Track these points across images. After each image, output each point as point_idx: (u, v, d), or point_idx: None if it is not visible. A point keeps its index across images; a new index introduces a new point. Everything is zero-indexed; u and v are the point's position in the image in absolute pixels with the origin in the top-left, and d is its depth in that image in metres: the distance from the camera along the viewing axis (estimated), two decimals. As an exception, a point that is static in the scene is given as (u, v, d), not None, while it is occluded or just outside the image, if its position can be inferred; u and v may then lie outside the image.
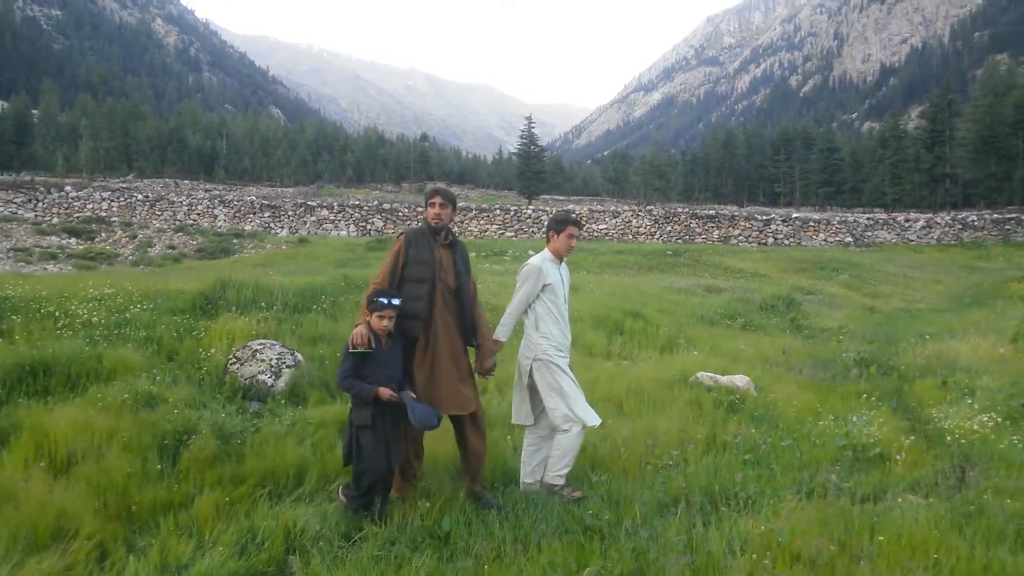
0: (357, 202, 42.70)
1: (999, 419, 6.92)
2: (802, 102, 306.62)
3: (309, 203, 41.25)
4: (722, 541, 3.86)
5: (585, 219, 40.76)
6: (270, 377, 6.68)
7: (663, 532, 4.04)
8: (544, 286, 5.11)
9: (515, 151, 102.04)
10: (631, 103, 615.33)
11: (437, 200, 4.90)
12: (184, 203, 41.30)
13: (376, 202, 43.47)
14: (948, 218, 44.04)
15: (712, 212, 43.46)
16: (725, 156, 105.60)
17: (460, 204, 43.07)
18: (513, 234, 39.60)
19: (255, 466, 4.95)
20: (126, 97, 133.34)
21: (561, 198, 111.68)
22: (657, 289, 17.19)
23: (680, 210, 44.17)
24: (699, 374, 8.03)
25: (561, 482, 4.93)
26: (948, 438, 6.29)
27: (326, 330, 8.38)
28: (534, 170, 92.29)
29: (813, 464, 5.52)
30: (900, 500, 4.63)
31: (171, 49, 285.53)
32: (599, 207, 47.23)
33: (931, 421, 7.08)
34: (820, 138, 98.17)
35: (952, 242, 41.52)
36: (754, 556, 3.67)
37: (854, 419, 6.62)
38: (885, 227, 42.51)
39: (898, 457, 5.65)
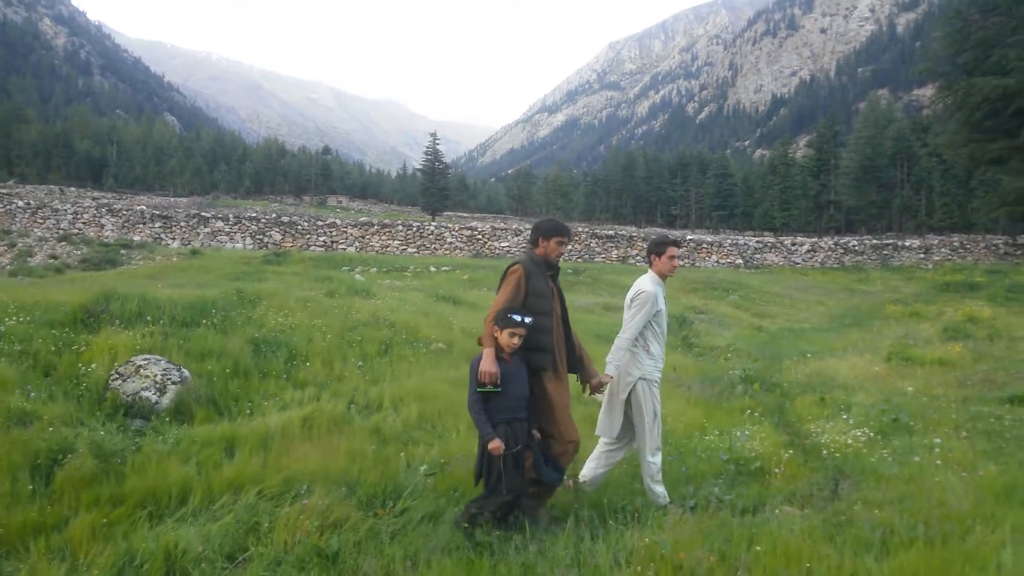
0: (254, 214, 41.59)
1: (871, 434, 7.31)
2: (698, 128, 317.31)
3: (203, 214, 39.88)
4: (608, 554, 3.94)
5: (488, 237, 40.94)
6: (154, 394, 6.44)
7: (552, 547, 4.10)
8: (656, 312, 5.25)
9: (420, 167, 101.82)
10: (535, 123, 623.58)
11: (566, 239, 4.90)
12: (69, 211, 39.30)
13: (275, 215, 42.47)
14: (831, 243, 46.16)
15: (612, 232, 44.37)
16: (625, 178, 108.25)
17: (361, 220, 42.56)
18: (415, 250, 39.35)
19: (136, 486, 4.75)
20: (8, 98, 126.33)
21: (465, 215, 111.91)
22: (556, 307, 17.42)
23: (581, 229, 44.87)
24: (594, 391, 8.15)
25: (662, 490, 5.24)
26: (824, 452, 6.60)
27: (216, 345, 8.13)
28: (438, 186, 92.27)
29: (698, 478, 5.69)
30: (777, 512, 4.85)
31: (60, 51, 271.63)
32: (502, 225, 47.49)
33: (809, 436, 7.39)
34: (715, 163, 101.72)
35: (835, 265, 43.58)
36: (638, 568, 3.76)
37: (738, 434, 6.87)
38: (773, 250, 44.30)
39: (777, 470, 5.90)
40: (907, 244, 45.84)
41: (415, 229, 40.44)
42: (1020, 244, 46.22)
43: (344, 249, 38.30)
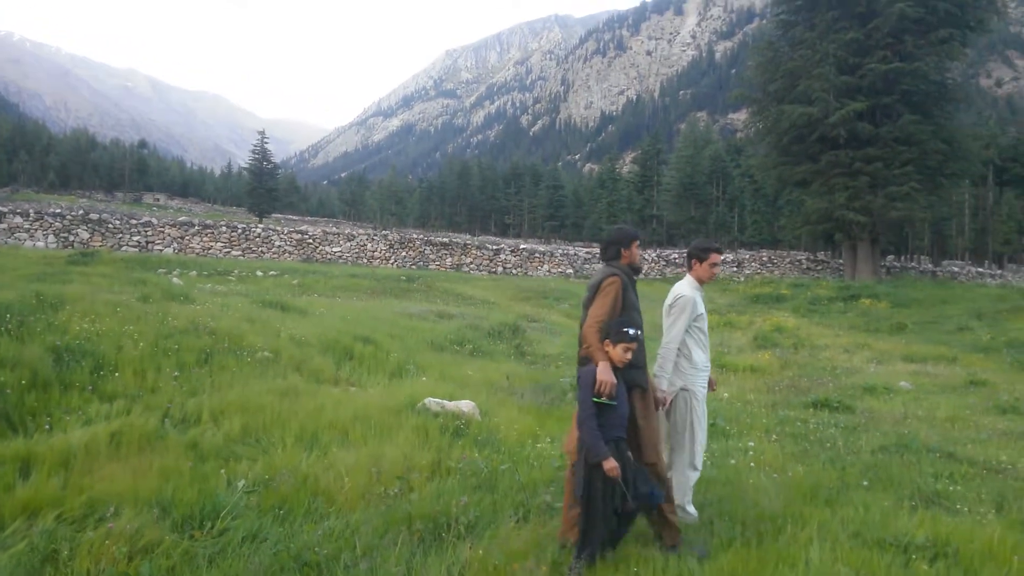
0: (59, 210, 38.25)
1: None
2: (532, 140, 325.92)
3: None
4: (442, 568, 3.87)
5: (319, 241, 39.88)
6: (-68, 409, 5.71)
7: (383, 563, 3.97)
8: (697, 315, 5.07)
9: (246, 166, 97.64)
10: (370, 127, 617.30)
11: (637, 240, 4.84)
12: None
13: (83, 211, 39.22)
14: (655, 255, 48.44)
15: (446, 239, 44.43)
16: (460, 186, 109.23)
17: (181, 219, 40.26)
18: (240, 253, 37.63)
19: (-97, 517, 4.17)
20: None
21: (295, 218, 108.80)
22: (389, 314, 17.14)
23: (415, 236, 44.67)
24: (427, 400, 8.04)
25: (693, 511, 5.06)
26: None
27: (10, 353, 7.31)
28: (266, 187, 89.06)
29: (531, 486, 5.69)
30: (607, 518, 4.96)
31: None
32: (334, 229, 46.44)
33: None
34: (547, 175, 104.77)
35: (657, 277, 45.76)
36: (472, 582, 3.73)
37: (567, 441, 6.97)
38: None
39: (606, 476, 6.05)
40: (722, 258, 48.86)
41: (240, 231, 38.72)
42: (820, 260, 50.58)
43: (161, 250, 36.05)
